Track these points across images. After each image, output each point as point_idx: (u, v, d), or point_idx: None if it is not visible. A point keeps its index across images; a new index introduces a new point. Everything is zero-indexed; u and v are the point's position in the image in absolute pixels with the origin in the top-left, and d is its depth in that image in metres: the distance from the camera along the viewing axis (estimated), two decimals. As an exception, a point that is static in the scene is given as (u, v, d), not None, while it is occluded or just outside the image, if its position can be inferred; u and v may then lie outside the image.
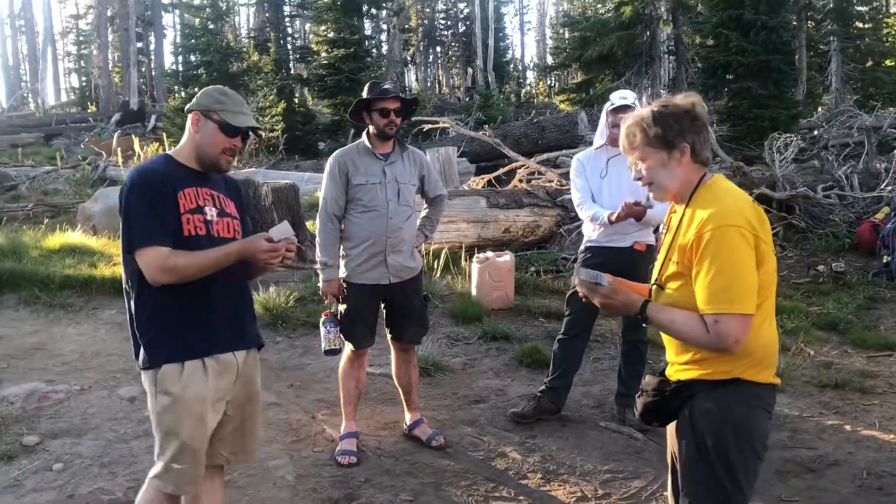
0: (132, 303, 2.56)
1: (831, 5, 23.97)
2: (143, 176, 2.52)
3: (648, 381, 2.29)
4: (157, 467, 2.52)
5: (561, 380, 4.45)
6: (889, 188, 9.37)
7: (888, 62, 26.95)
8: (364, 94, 3.91)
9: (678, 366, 2.22)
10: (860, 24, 25.10)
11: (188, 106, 2.67)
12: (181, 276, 2.45)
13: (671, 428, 2.27)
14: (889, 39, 29.04)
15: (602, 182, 4.31)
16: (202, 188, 2.60)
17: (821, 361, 5.54)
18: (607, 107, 4.27)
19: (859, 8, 25.24)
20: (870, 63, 24.67)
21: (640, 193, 4.04)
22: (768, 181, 9.77)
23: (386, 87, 3.94)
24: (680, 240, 2.14)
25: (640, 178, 2.24)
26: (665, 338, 2.27)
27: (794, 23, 21.07)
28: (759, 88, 17.63)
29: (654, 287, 2.27)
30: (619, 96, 4.24)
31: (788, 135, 11.06)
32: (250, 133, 2.69)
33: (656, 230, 4.33)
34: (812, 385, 5.06)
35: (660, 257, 2.28)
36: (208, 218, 2.57)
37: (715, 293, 2.03)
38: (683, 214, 2.18)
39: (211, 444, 2.60)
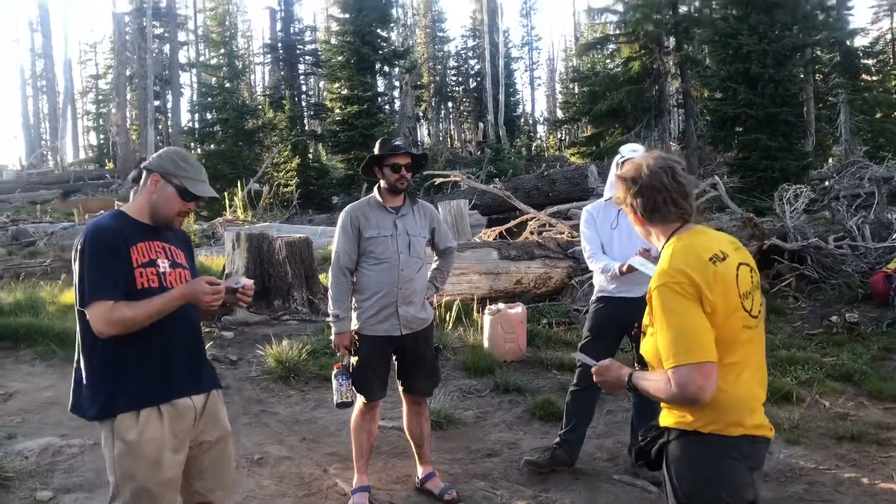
0: (83, 356, 2.63)
1: (838, 58, 24.25)
2: (96, 232, 2.61)
3: (644, 430, 2.38)
4: None
5: (574, 433, 4.44)
6: (900, 238, 9.37)
7: (896, 114, 27.11)
8: (376, 151, 4.00)
9: (663, 412, 2.28)
10: (867, 77, 25.33)
11: (147, 164, 2.79)
12: (128, 327, 2.54)
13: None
14: (896, 91, 29.28)
15: (613, 233, 4.35)
16: (154, 241, 2.72)
17: (836, 413, 5.48)
18: (618, 159, 4.30)
19: (866, 61, 25.52)
20: (878, 115, 24.83)
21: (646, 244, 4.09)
22: (779, 232, 9.80)
23: (397, 143, 4.04)
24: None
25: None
26: None
27: (802, 76, 21.31)
28: (769, 140, 17.77)
29: (641, 332, 2.33)
30: (630, 149, 4.29)
31: (799, 186, 11.12)
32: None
33: None
34: (828, 437, 5.00)
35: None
36: (161, 270, 2.68)
37: (668, 348, 2.09)
38: None
39: (188, 484, 2.72)
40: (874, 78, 25.79)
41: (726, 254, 2.21)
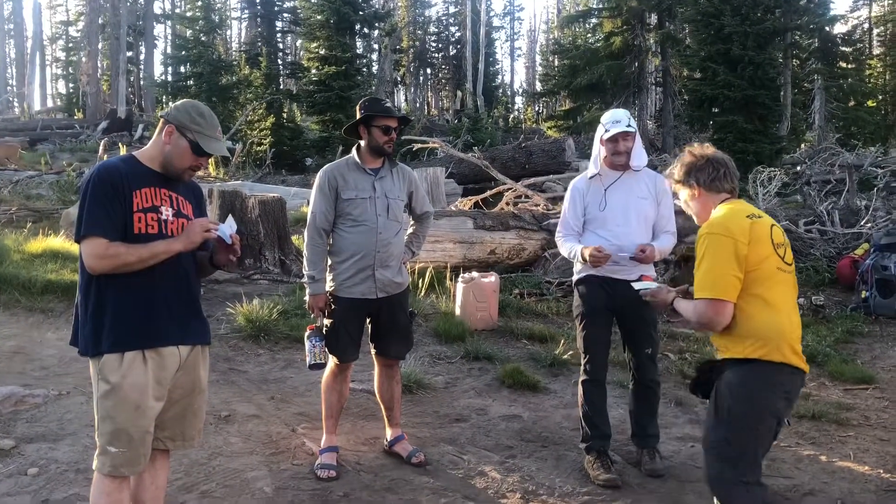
0: (80, 292, 2.68)
1: (816, 45, 24.43)
2: (101, 171, 2.64)
3: (701, 362, 3.00)
4: (97, 450, 2.66)
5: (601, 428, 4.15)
6: (869, 225, 9.51)
7: (870, 103, 27.48)
8: (364, 110, 3.93)
9: (718, 349, 2.79)
10: (844, 65, 25.59)
11: (164, 112, 2.80)
12: (119, 266, 2.57)
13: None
14: (871, 81, 29.64)
15: (605, 214, 4.05)
16: (161, 188, 2.72)
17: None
18: (602, 134, 4.05)
19: (843, 49, 25.75)
20: (852, 103, 25.14)
21: (645, 218, 4.03)
22: (751, 213, 9.88)
23: (388, 104, 3.99)
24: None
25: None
26: None
27: (781, 60, 21.43)
28: (745, 123, 17.92)
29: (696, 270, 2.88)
30: (613, 120, 4.03)
31: (772, 169, 11.23)
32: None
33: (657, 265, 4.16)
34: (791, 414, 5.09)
35: None
36: (163, 217, 2.68)
37: (698, 282, 2.68)
38: None
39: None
40: (850, 66, 26.05)
41: (761, 215, 2.80)
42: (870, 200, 10.56)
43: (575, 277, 4.24)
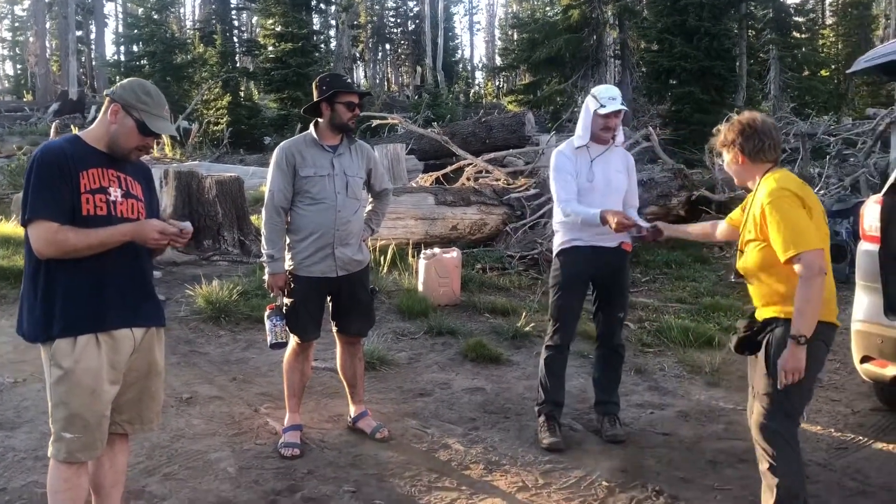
0: (26, 277, 2.63)
1: (770, 15, 24.70)
2: (45, 153, 2.58)
3: (741, 323, 3.03)
4: (52, 437, 2.63)
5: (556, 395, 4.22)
6: (822, 192, 9.71)
7: (823, 72, 27.93)
8: (328, 86, 3.87)
9: (763, 308, 2.90)
10: (797, 35, 25.93)
11: (110, 91, 2.73)
12: (68, 252, 2.52)
13: (752, 359, 2.99)
14: (824, 51, 30.11)
15: (593, 185, 4.05)
16: (108, 169, 2.66)
17: (755, 357, 5.71)
18: (596, 108, 4.00)
19: (797, 19, 26.08)
20: (806, 73, 25.50)
21: (621, 192, 4.10)
22: (708, 184, 10.04)
23: (350, 80, 3.95)
24: (752, 213, 2.85)
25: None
26: (752, 288, 2.96)
27: (736, 31, 21.65)
28: (701, 94, 18.09)
29: (737, 252, 2.98)
30: (609, 96, 4.01)
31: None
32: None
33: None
34: (746, 380, 5.16)
35: (741, 228, 2.97)
36: (112, 198, 2.63)
37: (786, 242, 2.68)
38: (753, 196, 2.91)
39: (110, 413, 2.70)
40: (804, 36, 26.41)
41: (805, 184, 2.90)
42: (823, 168, 10.78)
43: (560, 247, 4.17)
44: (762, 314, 2.92)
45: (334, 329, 4.16)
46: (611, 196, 4.08)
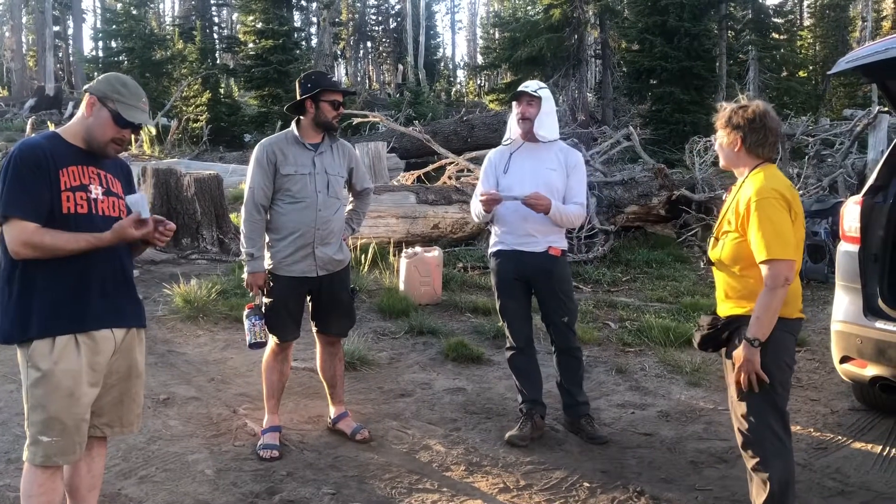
0: (1, 278, 2.55)
1: (750, 16, 24.90)
2: (23, 150, 2.52)
3: (703, 319, 2.97)
4: (27, 440, 2.56)
5: (533, 392, 4.23)
6: (801, 192, 9.79)
7: (801, 73, 28.22)
8: (313, 85, 3.82)
9: (726, 301, 2.88)
10: (776, 36, 26.18)
11: (87, 86, 2.68)
12: (45, 253, 2.47)
13: (727, 361, 2.89)
14: (802, 52, 30.43)
15: (508, 178, 4.11)
16: (88, 166, 2.61)
17: (734, 357, 5.73)
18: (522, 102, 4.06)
19: (776, 20, 26.33)
20: (784, 73, 25.76)
21: (551, 187, 4.00)
22: (688, 183, 10.07)
23: (334, 78, 3.90)
24: (735, 205, 2.80)
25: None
26: (720, 277, 2.91)
27: (716, 31, 21.80)
28: (682, 94, 18.22)
29: (712, 239, 2.94)
30: (525, 85, 4.10)
31: (708, 139, 11.41)
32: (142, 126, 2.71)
33: (570, 233, 4.18)
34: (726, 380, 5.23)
35: (720, 216, 2.93)
36: (92, 196, 2.58)
37: (764, 245, 2.66)
38: (739, 188, 2.85)
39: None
40: (782, 37, 26.67)
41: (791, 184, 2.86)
42: (801, 168, 10.86)
43: (489, 250, 4.34)
44: (724, 309, 2.89)
45: (314, 329, 4.11)
46: (536, 190, 3.96)
